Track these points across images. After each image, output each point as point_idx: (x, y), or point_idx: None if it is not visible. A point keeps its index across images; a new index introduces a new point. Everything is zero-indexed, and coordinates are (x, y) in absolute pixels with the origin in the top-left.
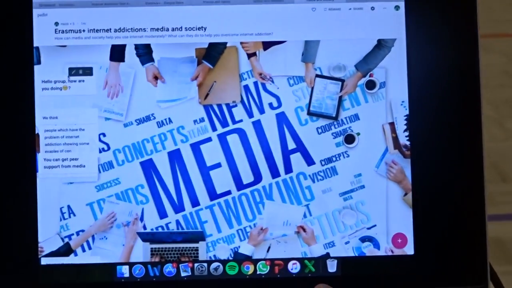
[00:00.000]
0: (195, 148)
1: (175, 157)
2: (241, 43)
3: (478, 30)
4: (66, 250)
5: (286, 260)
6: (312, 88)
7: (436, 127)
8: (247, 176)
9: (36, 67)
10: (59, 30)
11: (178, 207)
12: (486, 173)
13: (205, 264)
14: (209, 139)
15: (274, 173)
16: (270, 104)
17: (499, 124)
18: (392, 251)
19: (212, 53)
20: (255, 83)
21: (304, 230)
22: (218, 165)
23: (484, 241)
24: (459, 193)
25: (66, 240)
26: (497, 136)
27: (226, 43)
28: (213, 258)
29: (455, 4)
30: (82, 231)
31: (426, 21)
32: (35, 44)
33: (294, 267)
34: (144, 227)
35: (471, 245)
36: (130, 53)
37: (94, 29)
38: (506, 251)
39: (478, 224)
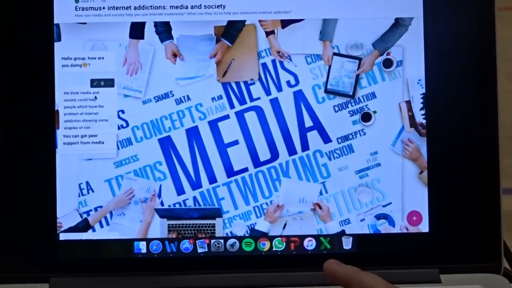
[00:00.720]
0: (213, 125)
1: (193, 134)
2: (260, 21)
3: (495, 7)
4: (84, 225)
5: (302, 237)
6: (330, 66)
7: (452, 105)
8: (264, 153)
9: (56, 44)
10: (79, 7)
11: (196, 184)
12: (501, 147)
13: (222, 241)
14: (227, 117)
15: (291, 150)
16: (288, 82)
17: None
18: (407, 229)
19: (231, 31)
20: (273, 61)
21: (320, 207)
22: (235, 142)
23: (499, 220)
24: (474, 171)
25: (85, 216)
26: None
27: (244, 21)
28: (229, 235)
29: None
30: (100, 207)
31: (443, 0)
32: (55, 21)
33: (309, 244)
34: (162, 204)
35: (486, 224)
36: (149, 31)
37: (114, 7)
38: None
39: (493, 203)
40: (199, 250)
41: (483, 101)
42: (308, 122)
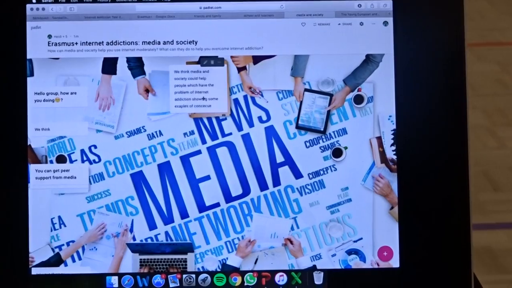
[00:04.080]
0: (185, 160)
1: (165, 169)
2: (231, 57)
3: (466, 44)
4: (56, 260)
5: (273, 272)
6: (301, 102)
7: (423, 141)
8: (235, 188)
9: (29, 79)
10: (52, 43)
11: (168, 219)
12: (476, 182)
13: (193, 276)
14: (198, 152)
15: (263, 186)
16: (259, 118)
17: (491, 132)
18: (377, 264)
19: None
20: (245, 97)
21: (291, 242)
22: (207, 178)
23: (469, 255)
24: (444, 206)
25: (57, 250)
26: (489, 144)
27: (216, 56)
28: (201, 270)
29: (443, 20)
30: (73, 241)
31: (414, 37)
32: (28, 56)
33: (281, 279)
34: (134, 238)
35: (456, 259)
36: (122, 66)
37: (86, 42)
38: (497, 260)
39: (463, 238)
40: (171, 285)
41: (454, 137)
42: (280, 158)
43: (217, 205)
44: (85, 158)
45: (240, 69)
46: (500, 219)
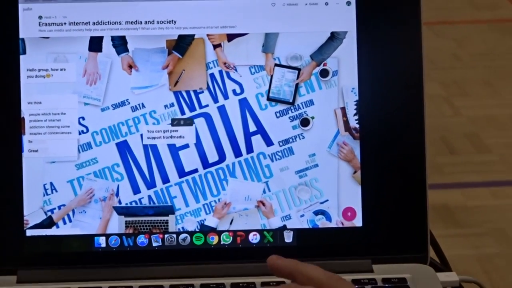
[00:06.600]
0: None
1: None
2: (208, 35)
3: (422, 22)
4: (49, 222)
5: (247, 232)
6: (272, 76)
7: (383, 111)
8: (212, 156)
9: (21, 57)
10: (43, 23)
11: (150, 184)
12: (435, 147)
13: (174, 235)
14: None
15: (237, 153)
16: (234, 91)
17: (448, 102)
18: (342, 224)
19: (181, 44)
20: (220, 72)
21: (264, 204)
22: (186, 146)
23: (425, 213)
24: (402, 170)
25: (49, 213)
26: (446, 113)
27: (194, 35)
28: (181, 230)
29: (400, 1)
30: (63, 205)
31: (374, 15)
32: (21, 36)
33: (254, 238)
34: (119, 202)
35: (413, 218)
36: (107, 44)
37: (74, 22)
38: (453, 216)
39: (419, 198)
40: (154, 244)
41: (411, 107)
42: (252, 127)
43: (195, 171)
44: None
45: (215, 46)
46: (455, 179)
